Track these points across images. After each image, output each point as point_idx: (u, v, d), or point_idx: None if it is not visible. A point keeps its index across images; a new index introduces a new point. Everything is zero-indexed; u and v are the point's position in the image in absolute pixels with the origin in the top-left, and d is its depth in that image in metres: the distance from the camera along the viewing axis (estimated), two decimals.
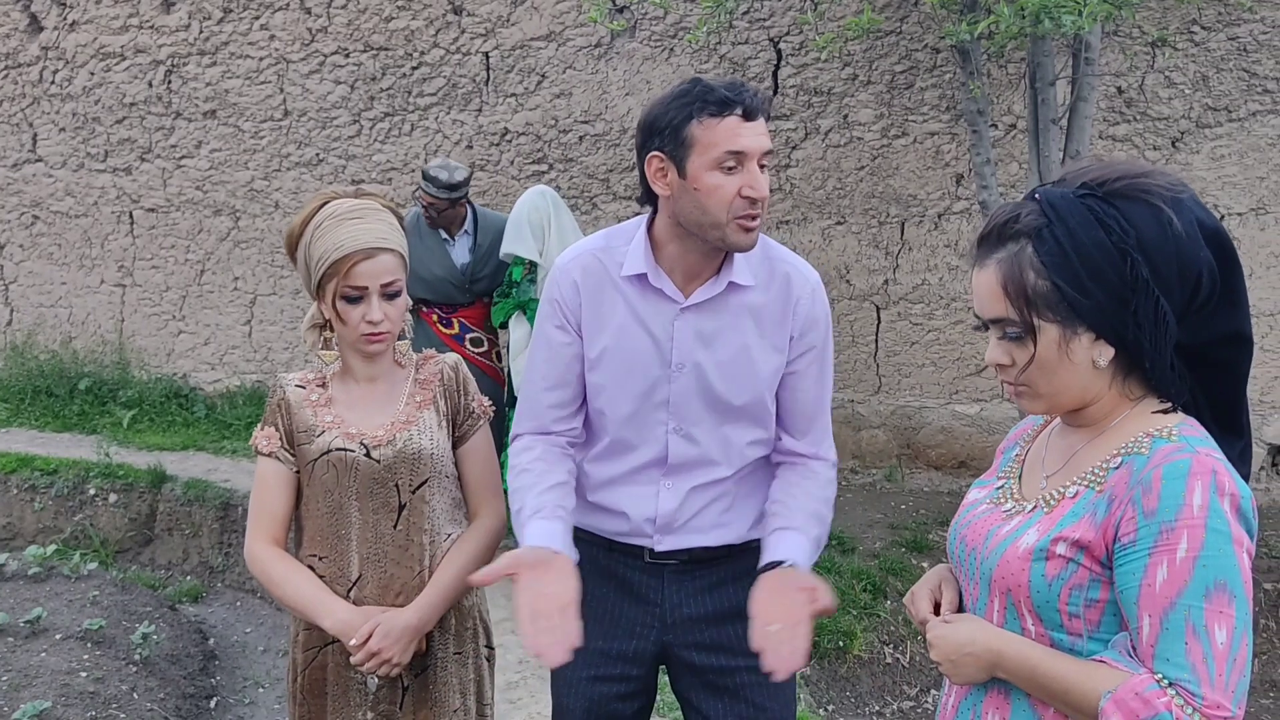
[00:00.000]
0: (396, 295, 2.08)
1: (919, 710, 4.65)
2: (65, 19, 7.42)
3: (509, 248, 4.71)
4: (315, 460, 2.12)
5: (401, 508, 2.14)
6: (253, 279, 7.37)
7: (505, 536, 2.27)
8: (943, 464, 6.15)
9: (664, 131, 1.94)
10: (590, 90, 6.43)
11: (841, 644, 4.52)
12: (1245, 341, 1.46)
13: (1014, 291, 1.45)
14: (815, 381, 2.15)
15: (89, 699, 3.81)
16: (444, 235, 4.87)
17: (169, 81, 7.30)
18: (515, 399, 4.63)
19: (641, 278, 2.06)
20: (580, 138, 6.49)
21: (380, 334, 2.07)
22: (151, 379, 7.53)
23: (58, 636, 4.22)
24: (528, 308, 4.75)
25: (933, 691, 4.77)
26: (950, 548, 1.65)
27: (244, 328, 7.42)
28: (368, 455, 2.12)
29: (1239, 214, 5.61)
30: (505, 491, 2.17)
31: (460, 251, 4.90)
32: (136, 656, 4.24)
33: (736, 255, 2.03)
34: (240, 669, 4.88)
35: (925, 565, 5.09)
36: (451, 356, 2.29)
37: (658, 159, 1.97)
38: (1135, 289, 1.38)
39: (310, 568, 2.15)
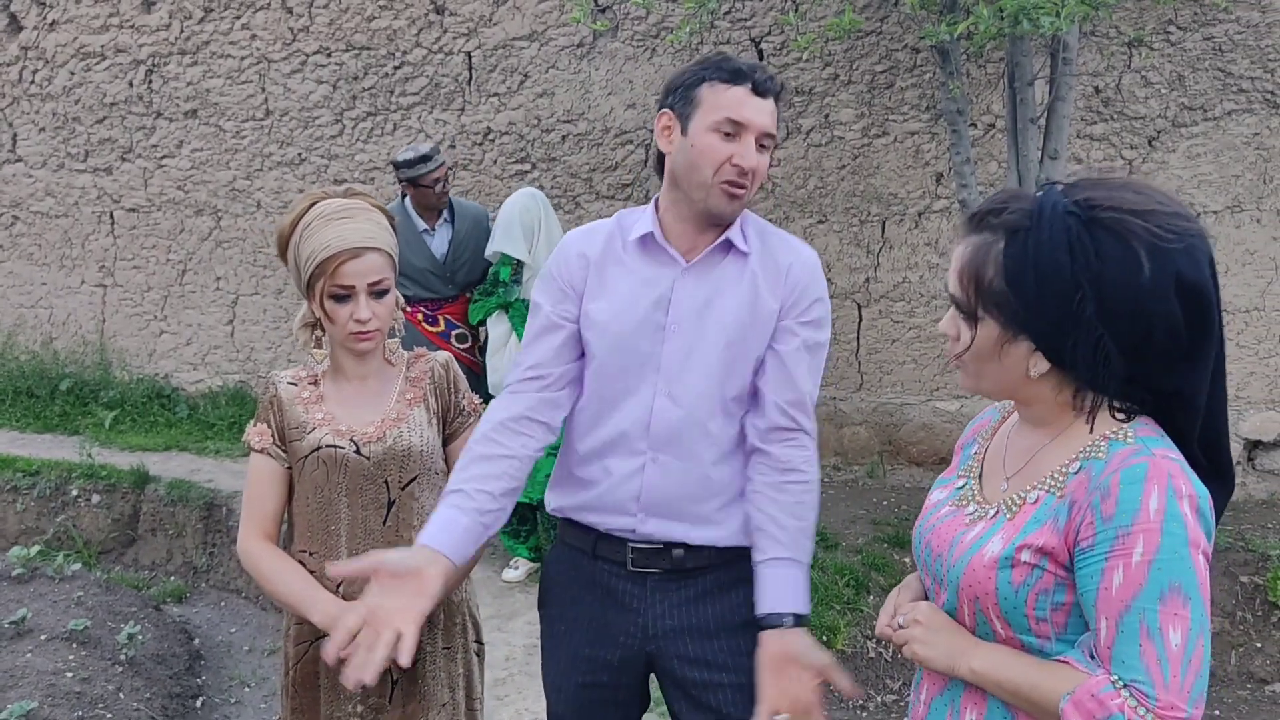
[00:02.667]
0: (385, 294, 2.12)
1: (901, 704, 4.70)
2: (45, 18, 7.39)
3: (499, 246, 4.73)
4: (306, 457, 2.16)
5: (391, 504, 2.17)
6: (235, 279, 7.35)
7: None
8: (924, 460, 6.21)
9: (677, 90, 2.03)
10: (573, 90, 6.45)
11: (825, 639, 4.56)
12: (1186, 402, 1.43)
13: (970, 279, 1.47)
14: (807, 361, 2.15)
15: (75, 699, 3.81)
16: (423, 226, 4.93)
17: (150, 81, 7.28)
18: (491, 397, 4.64)
19: (646, 238, 2.08)
20: (563, 137, 6.51)
21: (368, 333, 2.10)
22: (133, 379, 7.51)
23: (43, 637, 4.22)
24: (511, 308, 4.78)
25: None
26: (916, 550, 1.66)
27: (226, 328, 7.41)
28: (358, 452, 2.15)
29: (1214, 212, 5.68)
30: None
31: (439, 242, 4.96)
32: (122, 656, 4.24)
33: (736, 225, 2.06)
34: (226, 668, 4.88)
35: (907, 560, 5.14)
36: (442, 355, 2.32)
37: (667, 115, 2.05)
38: (1077, 322, 1.38)
39: (301, 563, 2.17)
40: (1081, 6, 4.08)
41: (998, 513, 1.52)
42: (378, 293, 2.10)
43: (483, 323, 4.90)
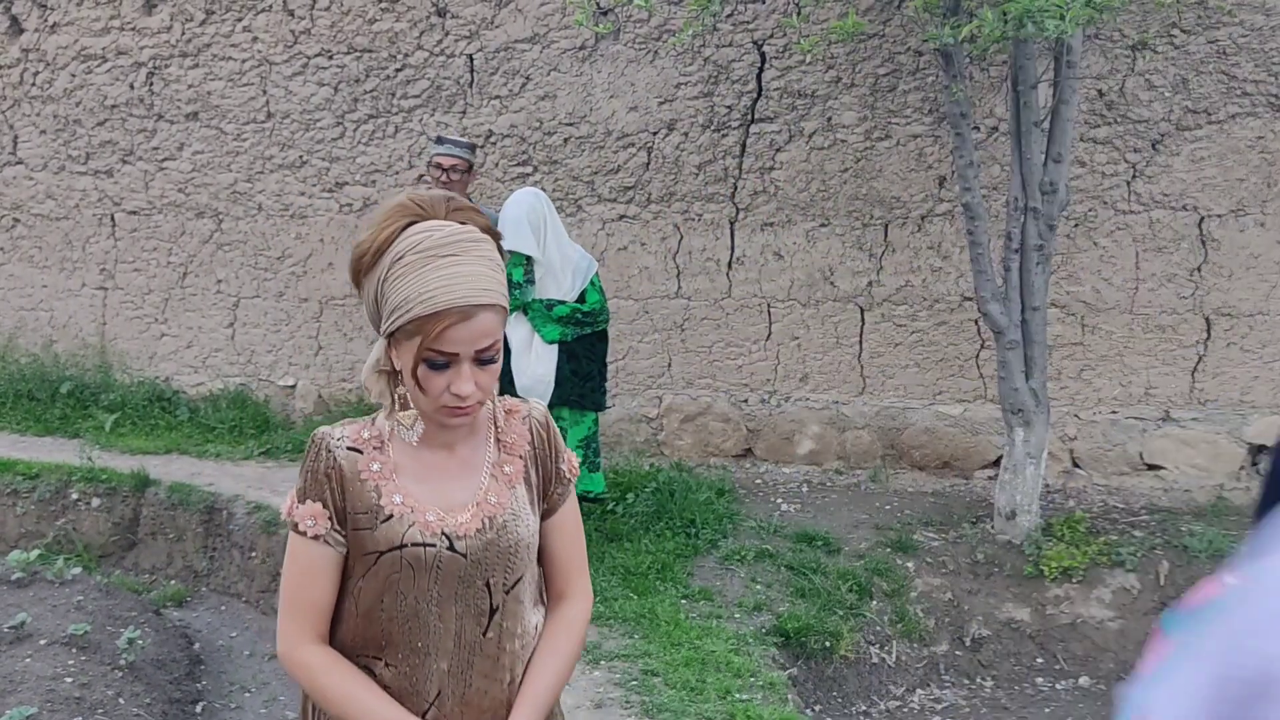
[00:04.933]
0: (493, 361, 1.64)
1: (905, 710, 4.68)
2: (46, 21, 7.38)
3: (509, 246, 4.69)
4: (383, 553, 1.69)
5: (493, 611, 1.73)
6: (236, 281, 7.34)
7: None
8: (927, 464, 6.18)
9: None
10: (574, 92, 6.44)
11: (828, 644, 4.54)
12: None
13: None
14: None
15: (75, 704, 3.80)
16: None
17: (151, 83, 7.27)
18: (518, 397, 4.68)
19: None
20: (565, 140, 6.49)
21: (467, 408, 1.64)
22: (134, 382, 7.49)
23: (42, 642, 4.20)
24: (529, 309, 4.78)
25: (919, 691, 4.80)
26: None
27: (227, 330, 7.39)
28: (451, 549, 1.69)
29: (1219, 215, 5.66)
30: None
31: None
32: (122, 661, 4.22)
33: None
34: (226, 673, 4.87)
35: (910, 566, 5.13)
36: (540, 409, 1.87)
37: None
38: None
39: (367, 669, 1.73)
40: (1087, 10, 4.07)
41: None
42: (485, 359, 1.62)
43: None
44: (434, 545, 1.68)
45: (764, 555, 5.06)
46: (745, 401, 6.42)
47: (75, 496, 6.02)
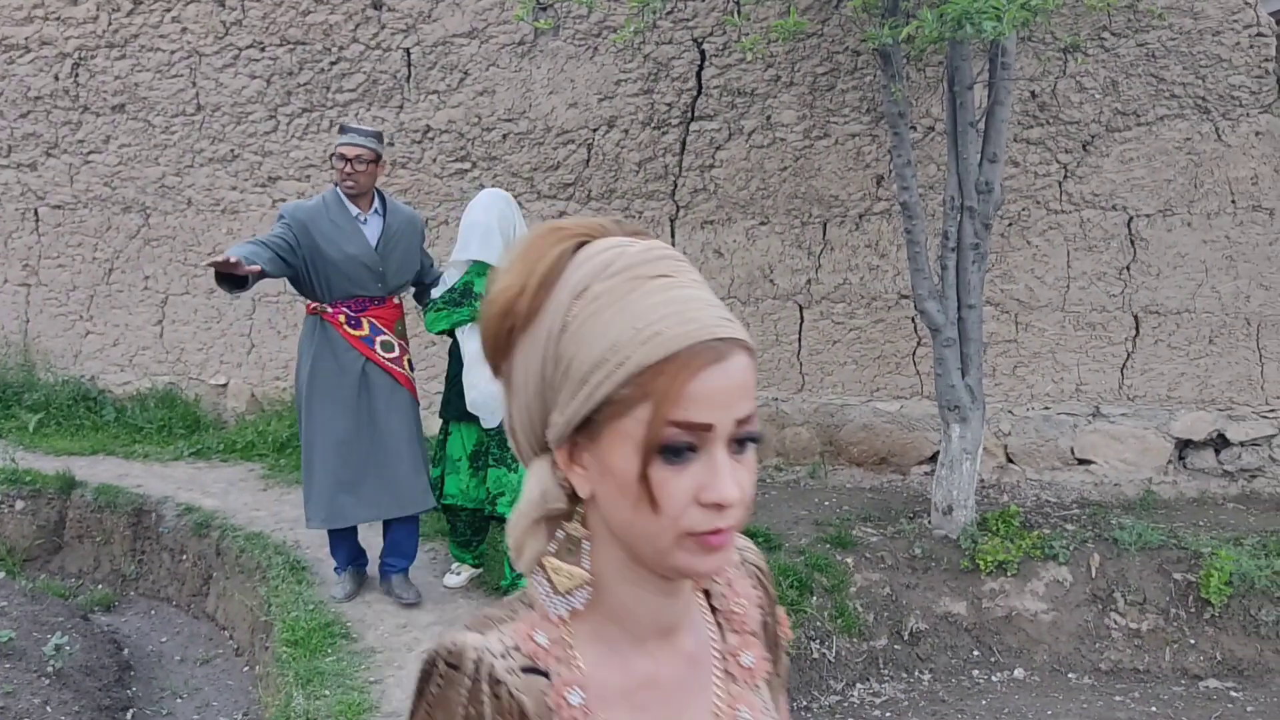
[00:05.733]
0: (756, 441, 0.98)
1: (845, 705, 4.72)
2: None
3: (476, 254, 4.37)
4: None
5: None
6: (164, 278, 7.17)
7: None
8: (864, 461, 6.25)
9: None
10: (514, 88, 6.39)
11: None
12: None
13: None
14: None
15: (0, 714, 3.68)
16: (356, 211, 4.45)
17: (76, 75, 7.07)
18: (465, 414, 4.46)
19: None
20: (504, 136, 6.44)
21: (726, 530, 0.96)
22: (58, 381, 7.29)
23: None
24: None
25: (858, 685, 4.85)
26: None
27: (155, 328, 7.22)
28: None
29: (1147, 215, 5.79)
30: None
31: (371, 231, 4.50)
32: (49, 669, 4.11)
33: None
34: (157, 679, 4.75)
35: (849, 561, 5.17)
36: (753, 550, 1.19)
37: None
38: None
39: None
40: (1023, 12, 4.13)
41: None
42: (746, 437, 0.96)
43: (445, 333, 4.56)
44: None
45: None
46: None
47: None
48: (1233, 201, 5.70)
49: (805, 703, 4.65)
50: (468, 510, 4.63)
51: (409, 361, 4.62)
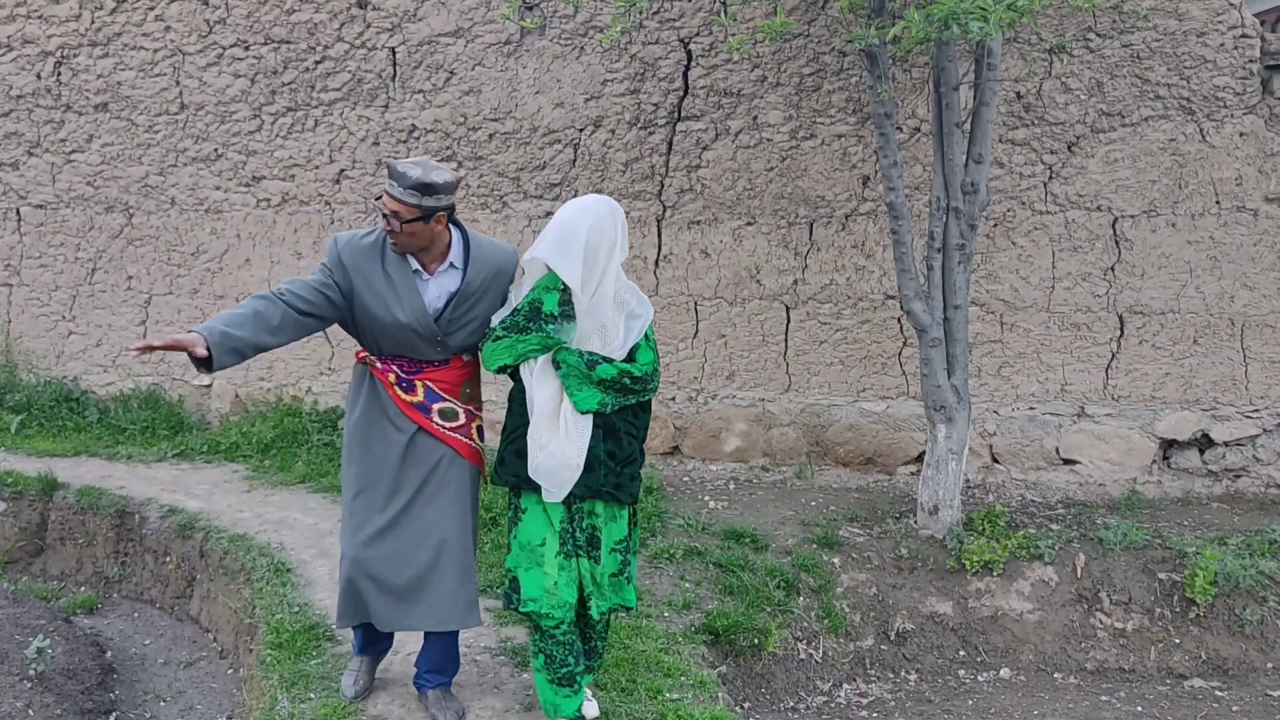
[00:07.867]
0: None
1: (832, 705, 4.71)
2: None
3: (547, 255, 3.26)
4: None
5: None
6: (147, 278, 7.13)
7: None
8: (850, 461, 6.25)
9: None
10: (500, 88, 6.37)
11: (756, 641, 4.55)
12: None
13: None
14: None
15: None
16: (416, 266, 3.39)
17: (59, 73, 7.02)
18: (529, 481, 3.29)
19: None
20: (490, 135, 6.42)
21: None
22: (40, 382, 7.23)
23: None
24: (561, 359, 3.28)
25: (845, 686, 4.84)
26: None
27: (138, 328, 7.17)
28: None
29: (1131, 216, 5.80)
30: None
31: (436, 293, 3.41)
32: (31, 672, 4.07)
33: None
34: (140, 682, 4.72)
35: (836, 561, 5.17)
36: None
37: None
38: None
39: None
40: (1009, 13, 4.13)
41: None
42: None
43: (505, 370, 3.36)
44: None
45: (692, 553, 5.06)
46: (673, 399, 6.42)
47: None
48: (1217, 202, 5.72)
49: (792, 703, 4.65)
50: (563, 624, 3.33)
51: (479, 429, 3.57)
